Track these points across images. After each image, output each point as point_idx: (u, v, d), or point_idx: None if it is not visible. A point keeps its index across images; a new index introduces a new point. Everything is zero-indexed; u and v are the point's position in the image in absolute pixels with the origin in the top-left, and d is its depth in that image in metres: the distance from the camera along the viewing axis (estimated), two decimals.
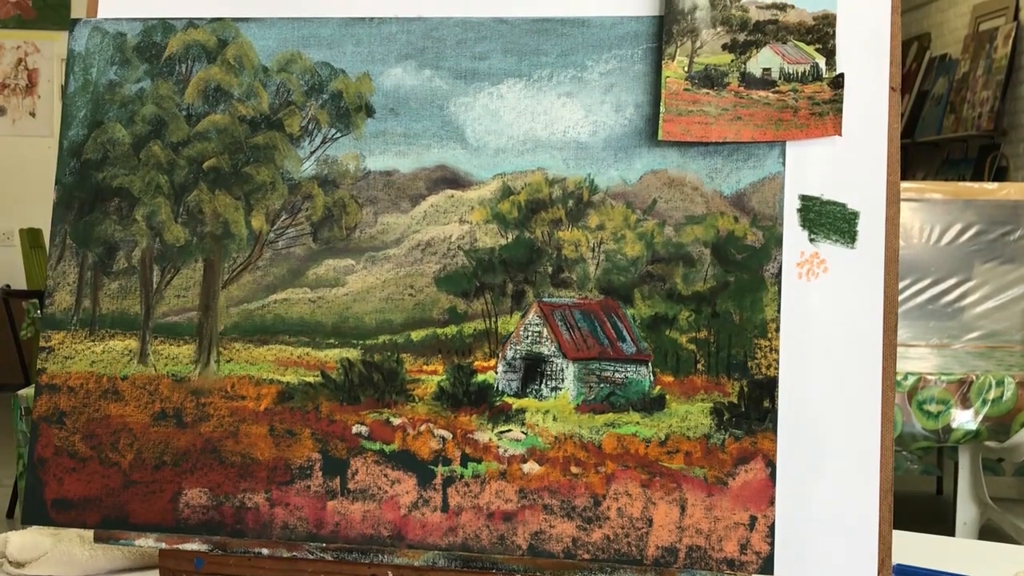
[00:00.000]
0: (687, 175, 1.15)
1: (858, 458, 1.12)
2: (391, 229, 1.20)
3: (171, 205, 1.23)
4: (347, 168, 1.21)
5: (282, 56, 1.23)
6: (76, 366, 1.23)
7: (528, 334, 1.16)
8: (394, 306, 1.19)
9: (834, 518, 1.12)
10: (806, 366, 1.13)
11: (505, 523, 1.13)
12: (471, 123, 1.19)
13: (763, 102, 1.14)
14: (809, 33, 1.15)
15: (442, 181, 1.19)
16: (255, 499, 1.17)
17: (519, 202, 1.18)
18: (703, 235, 1.15)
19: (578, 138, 1.18)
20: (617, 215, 1.16)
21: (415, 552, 1.16)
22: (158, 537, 1.20)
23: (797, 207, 1.14)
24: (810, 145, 1.14)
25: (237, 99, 1.23)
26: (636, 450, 1.13)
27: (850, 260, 1.13)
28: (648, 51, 1.17)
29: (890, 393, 1.12)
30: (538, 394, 1.15)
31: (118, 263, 1.24)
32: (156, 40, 1.26)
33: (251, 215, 1.22)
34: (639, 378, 1.14)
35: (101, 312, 1.23)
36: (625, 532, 1.12)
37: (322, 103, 1.22)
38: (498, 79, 1.20)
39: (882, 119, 1.14)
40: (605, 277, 1.16)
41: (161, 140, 1.24)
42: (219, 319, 1.21)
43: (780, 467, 1.11)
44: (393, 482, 1.16)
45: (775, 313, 1.12)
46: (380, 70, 1.21)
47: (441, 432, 1.15)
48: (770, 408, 1.11)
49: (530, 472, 1.14)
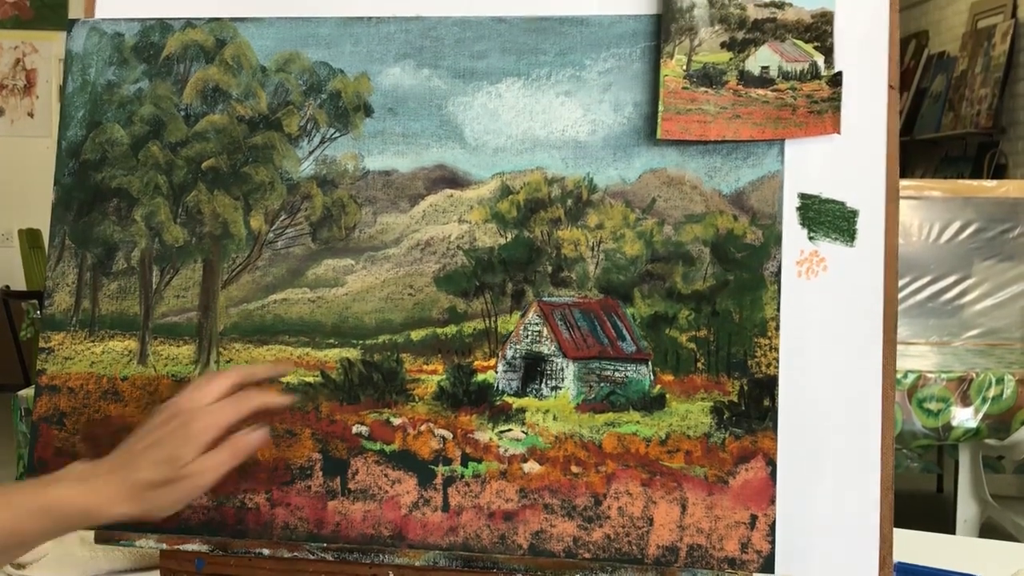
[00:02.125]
0: (686, 174, 1.15)
1: (858, 456, 1.12)
2: (390, 229, 1.20)
3: (170, 205, 1.23)
4: (346, 168, 1.21)
5: (280, 56, 1.23)
6: (76, 367, 1.22)
7: (528, 333, 1.16)
8: (394, 306, 1.18)
9: (835, 516, 1.12)
10: (806, 364, 1.13)
11: (506, 523, 1.13)
12: (470, 122, 1.19)
13: (762, 100, 1.14)
14: (807, 31, 1.15)
15: (441, 181, 1.19)
16: (256, 499, 1.17)
17: (518, 201, 1.18)
18: (702, 234, 1.15)
19: (577, 137, 1.17)
20: (616, 214, 1.16)
21: (416, 552, 1.16)
22: (159, 538, 1.20)
23: (796, 205, 1.14)
24: (809, 143, 1.14)
25: (235, 99, 1.23)
26: (636, 449, 1.13)
27: (849, 258, 1.13)
28: (646, 50, 1.17)
29: (890, 391, 1.12)
30: (538, 393, 1.15)
31: (117, 264, 1.23)
32: (154, 40, 1.26)
33: (250, 215, 1.22)
34: (639, 377, 1.14)
35: (100, 313, 1.23)
36: (626, 531, 1.12)
37: (320, 103, 1.22)
38: (496, 78, 1.19)
39: (881, 117, 1.14)
40: (605, 276, 1.16)
41: (160, 140, 1.24)
42: (218, 319, 1.21)
43: (780, 466, 1.11)
44: (394, 482, 1.15)
45: (775, 312, 1.12)
46: (378, 70, 1.21)
47: (441, 432, 1.15)
48: (770, 407, 1.11)
49: (530, 471, 1.14)
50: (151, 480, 1.02)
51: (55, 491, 1.01)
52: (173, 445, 1.03)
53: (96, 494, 1.02)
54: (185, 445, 1.03)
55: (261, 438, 1.08)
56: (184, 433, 1.04)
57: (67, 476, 1.03)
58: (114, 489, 1.02)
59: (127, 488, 1.02)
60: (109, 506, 1.02)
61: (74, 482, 1.02)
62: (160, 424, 1.05)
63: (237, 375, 1.09)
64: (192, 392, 1.07)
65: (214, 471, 1.04)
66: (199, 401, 1.06)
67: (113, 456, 1.05)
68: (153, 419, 1.07)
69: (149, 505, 1.03)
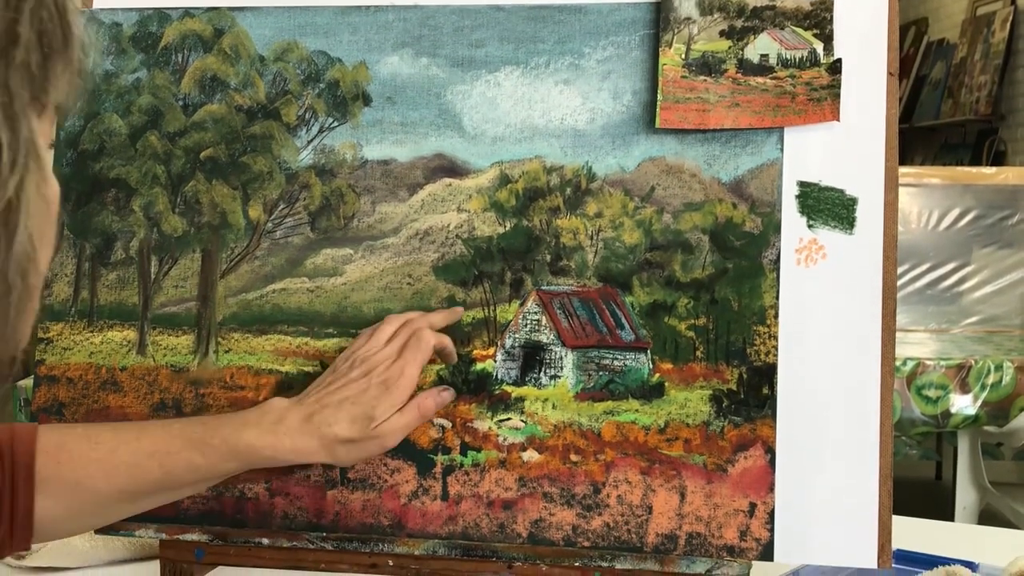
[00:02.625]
0: (685, 162, 1.15)
1: (857, 444, 1.12)
2: (389, 218, 1.20)
3: (168, 195, 1.23)
4: (344, 157, 1.21)
5: (278, 45, 1.23)
6: (75, 357, 1.22)
7: (527, 322, 1.16)
8: (392, 295, 1.18)
9: (834, 504, 1.12)
10: (805, 352, 1.13)
11: (505, 511, 1.14)
12: (468, 111, 1.19)
13: (761, 88, 1.14)
14: (806, 19, 1.15)
15: (440, 170, 1.19)
16: (255, 489, 1.17)
17: (517, 190, 1.18)
18: (701, 222, 1.14)
19: (576, 125, 1.17)
20: (615, 202, 1.16)
21: (415, 541, 1.16)
22: (158, 528, 1.21)
23: (795, 193, 1.14)
24: (808, 131, 1.14)
25: (233, 88, 1.23)
26: (635, 438, 1.13)
27: (849, 246, 1.13)
28: (645, 38, 1.17)
29: (889, 378, 1.12)
30: (537, 382, 1.15)
31: (116, 254, 1.23)
32: (152, 30, 1.25)
33: (248, 205, 1.22)
34: (638, 366, 1.14)
35: (99, 303, 1.23)
36: (625, 519, 1.12)
37: (319, 92, 1.22)
38: (495, 67, 1.19)
39: (880, 104, 1.14)
40: (603, 265, 1.16)
41: (158, 130, 1.23)
42: (217, 309, 1.21)
43: (779, 454, 1.11)
44: (393, 471, 1.16)
45: (774, 300, 1.12)
46: (376, 58, 1.21)
47: (440, 421, 1.15)
48: (769, 395, 1.11)
49: (530, 460, 1.14)
50: (346, 437, 1.05)
51: (249, 437, 1.04)
52: (370, 404, 1.06)
53: (291, 442, 1.05)
54: (381, 405, 1.06)
55: (448, 397, 1.12)
56: (381, 392, 1.06)
57: (260, 421, 1.06)
58: (307, 440, 1.05)
59: (319, 440, 1.05)
60: (301, 455, 1.06)
61: (267, 429, 1.05)
62: (356, 378, 1.08)
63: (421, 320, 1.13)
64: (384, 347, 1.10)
65: (402, 432, 1.07)
66: (389, 354, 1.09)
67: (305, 405, 1.07)
68: (344, 369, 1.10)
69: (338, 458, 1.07)
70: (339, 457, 1.07)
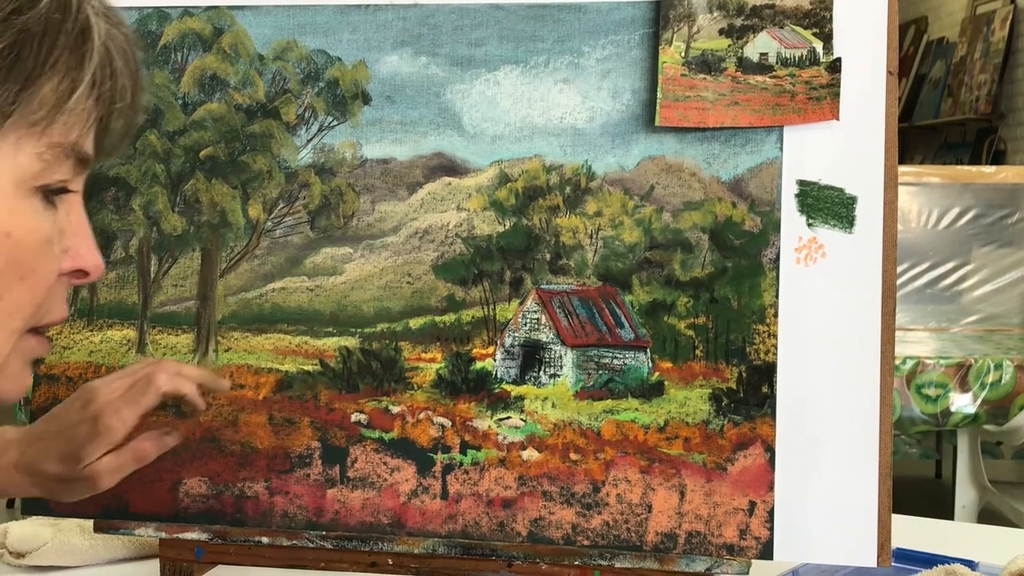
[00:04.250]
0: (684, 161, 1.15)
1: (857, 443, 1.12)
2: (389, 217, 1.20)
3: (168, 194, 1.23)
4: (344, 156, 1.21)
5: (278, 44, 1.23)
6: (74, 356, 1.22)
7: (526, 321, 1.16)
8: (392, 294, 1.18)
9: (833, 503, 1.12)
10: (804, 351, 1.13)
11: (504, 510, 1.14)
12: (468, 110, 1.19)
13: (760, 87, 1.14)
14: (806, 17, 1.15)
15: (439, 169, 1.19)
16: (255, 488, 1.17)
17: (516, 189, 1.18)
18: (701, 221, 1.14)
19: (575, 124, 1.17)
20: (615, 201, 1.16)
21: (415, 540, 1.16)
22: (158, 526, 1.21)
23: (795, 192, 1.14)
24: (808, 130, 1.14)
25: (233, 87, 1.23)
26: (635, 436, 1.13)
27: (848, 245, 1.13)
28: (645, 36, 1.17)
29: (889, 377, 1.12)
30: (537, 381, 1.15)
31: (116, 253, 1.23)
32: (151, 29, 1.25)
33: (248, 204, 1.22)
34: (637, 364, 1.14)
35: (99, 302, 1.23)
36: (624, 518, 1.12)
37: (318, 91, 1.22)
38: (495, 66, 1.19)
39: (880, 103, 1.14)
40: (603, 264, 1.16)
41: (157, 129, 1.23)
42: (217, 308, 1.21)
43: (779, 452, 1.11)
44: (392, 470, 1.16)
45: (773, 298, 1.12)
46: (376, 57, 1.21)
47: (440, 420, 1.15)
48: (769, 393, 1.11)
49: (529, 459, 1.14)
50: (53, 474, 1.01)
51: None
52: (78, 443, 1.01)
53: (5, 478, 1.01)
54: (89, 444, 1.01)
55: (171, 442, 1.06)
56: (91, 431, 1.01)
57: None
58: (19, 476, 1.02)
59: (31, 477, 1.02)
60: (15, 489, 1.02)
61: None
62: (77, 409, 1.03)
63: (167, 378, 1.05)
64: (113, 382, 1.04)
65: (115, 473, 1.02)
66: (115, 392, 1.03)
67: (29, 437, 1.03)
68: (72, 401, 1.04)
69: (54, 494, 1.03)
70: (54, 493, 1.02)
